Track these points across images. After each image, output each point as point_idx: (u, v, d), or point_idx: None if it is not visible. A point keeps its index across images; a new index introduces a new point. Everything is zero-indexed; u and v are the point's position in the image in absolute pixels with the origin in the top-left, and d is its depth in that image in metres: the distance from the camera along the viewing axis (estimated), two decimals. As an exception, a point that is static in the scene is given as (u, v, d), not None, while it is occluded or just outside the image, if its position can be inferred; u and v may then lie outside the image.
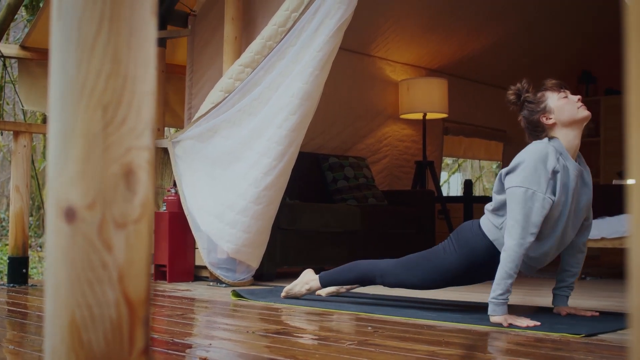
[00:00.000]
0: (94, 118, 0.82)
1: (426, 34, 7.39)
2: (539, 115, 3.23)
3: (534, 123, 3.25)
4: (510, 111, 3.47)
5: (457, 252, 3.35)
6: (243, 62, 4.79)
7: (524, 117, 3.30)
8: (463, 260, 3.33)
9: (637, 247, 0.55)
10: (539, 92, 3.28)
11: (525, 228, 3.03)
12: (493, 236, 3.24)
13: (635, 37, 0.53)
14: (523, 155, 3.14)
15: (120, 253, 0.81)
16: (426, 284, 3.49)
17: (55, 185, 0.82)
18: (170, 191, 5.23)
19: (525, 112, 3.30)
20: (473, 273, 3.39)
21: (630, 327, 0.55)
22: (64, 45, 0.83)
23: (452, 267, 3.36)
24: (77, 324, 0.81)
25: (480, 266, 3.32)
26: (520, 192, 3.05)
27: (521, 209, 3.03)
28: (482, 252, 3.28)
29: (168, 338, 2.67)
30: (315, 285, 3.86)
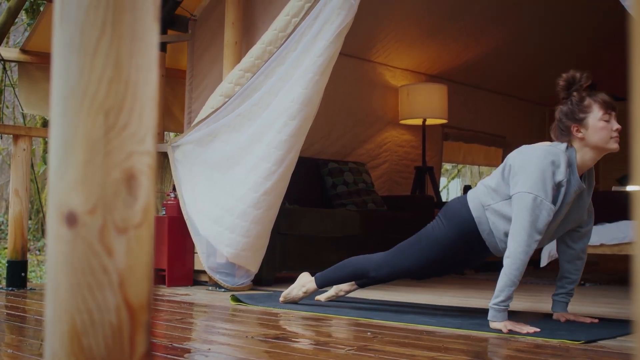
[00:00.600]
0: (95, 123, 0.82)
1: (426, 40, 7.40)
2: (573, 123, 3.12)
3: (564, 125, 3.16)
4: (510, 117, 3.46)
5: (445, 227, 3.35)
6: (243, 66, 4.79)
7: (561, 111, 3.17)
8: (452, 234, 3.33)
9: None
10: (587, 99, 3.13)
11: (532, 235, 3.01)
12: (476, 213, 3.26)
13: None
14: (534, 158, 3.08)
15: (121, 258, 0.81)
16: (420, 267, 3.47)
17: (56, 190, 0.82)
18: (169, 195, 5.23)
19: (564, 108, 3.17)
20: (464, 250, 3.38)
21: (635, 333, 0.55)
22: (66, 50, 0.83)
23: (443, 242, 3.36)
24: (78, 329, 0.81)
25: (470, 242, 3.32)
26: (529, 198, 3.02)
27: (529, 215, 3.01)
28: (470, 224, 3.28)
29: (167, 343, 2.67)
30: (312, 287, 3.86)
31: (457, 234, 3.32)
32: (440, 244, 3.37)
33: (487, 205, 3.23)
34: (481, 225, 3.26)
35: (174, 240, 5.12)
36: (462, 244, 3.35)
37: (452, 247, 3.36)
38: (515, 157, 3.16)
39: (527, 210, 3.01)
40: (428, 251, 3.42)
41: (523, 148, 3.21)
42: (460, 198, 3.41)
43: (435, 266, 3.48)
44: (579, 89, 3.16)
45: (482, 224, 3.26)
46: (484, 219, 3.24)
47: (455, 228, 3.32)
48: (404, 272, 3.56)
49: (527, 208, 3.01)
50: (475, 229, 3.28)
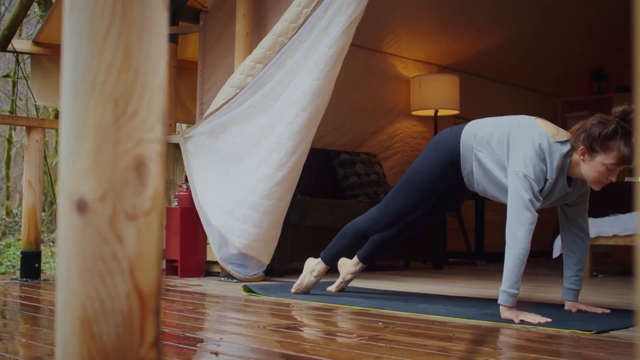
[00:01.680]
0: (105, 111, 0.82)
1: (438, 31, 7.38)
2: (586, 146, 3.09)
3: (579, 139, 3.11)
4: (522, 108, 3.48)
5: (431, 156, 3.49)
6: (254, 58, 4.80)
7: (591, 127, 3.09)
8: (436, 161, 3.46)
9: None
10: (614, 142, 3.04)
11: (529, 209, 3.07)
12: (464, 150, 3.37)
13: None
14: (533, 144, 3.13)
15: (131, 245, 0.82)
16: (411, 207, 3.59)
17: (67, 178, 0.83)
18: (181, 186, 5.24)
19: (594, 129, 3.08)
20: (444, 181, 3.51)
21: (638, 323, 0.56)
22: (76, 40, 0.83)
23: (428, 172, 3.49)
24: (88, 316, 0.81)
25: (450, 175, 3.46)
26: (519, 176, 3.10)
27: (525, 192, 3.07)
28: (455, 157, 3.40)
29: (179, 332, 2.69)
30: (321, 267, 3.92)
31: (441, 162, 3.44)
32: (425, 173, 3.50)
33: (477, 150, 3.33)
34: (464, 163, 3.37)
35: (186, 231, 5.14)
36: (442, 174, 3.47)
37: (435, 177, 3.48)
38: (516, 139, 3.19)
39: (523, 187, 3.08)
40: (415, 186, 3.54)
41: (525, 129, 3.21)
42: (453, 130, 3.49)
43: (422, 203, 3.58)
44: (623, 125, 3.05)
45: (465, 162, 3.37)
46: (469, 158, 3.35)
47: (440, 156, 3.44)
48: (403, 213, 3.63)
49: (523, 185, 3.08)
50: (458, 164, 3.40)
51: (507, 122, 3.31)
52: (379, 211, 3.69)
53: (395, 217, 3.65)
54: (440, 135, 3.55)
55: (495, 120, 3.39)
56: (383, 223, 3.68)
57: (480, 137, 3.32)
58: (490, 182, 3.33)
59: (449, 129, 3.53)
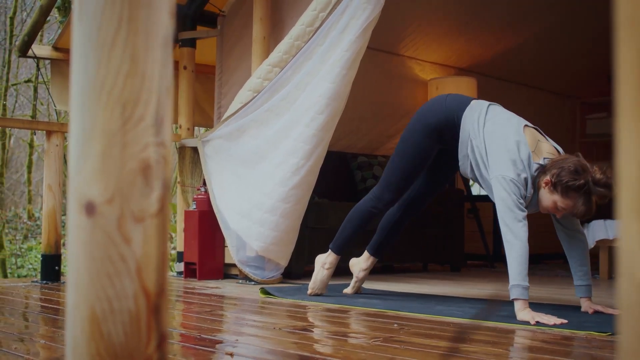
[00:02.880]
0: (112, 116, 0.84)
1: (455, 33, 7.37)
2: (550, 184, 3.19)
3: (549, 169, 3.21)
4: (541, 110, 3.51)
5: (428, 116, 3.65)
6: (271, 61, 4.82)
7: (567, 170, 3.15)
8: (434, 120, 3.62)
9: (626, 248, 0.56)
10: (575, 193, 3.14)
11: (515, 210, 3.16)
12: (463, 125, 3.50)
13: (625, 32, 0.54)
14: (514, 150, 3.24)
15: (138, 246, 0.84)
16: (408, 174, 3.75)
17: (75, 181, 0.85)
18: (200, 190, 5.28)
19: (566, 175, 3.14)
20: (438, 143, 3.67)
21: (620, 324, 0.57)
22: (84, 46, 0.86)
23: (423, 130, 3.66)
24: (97, 316, 0.83)
25: (443, 138, 3.63)
26: (506, 180, 3.20)
27: (508, 194, 3.18)
28: (451, 121, 3.56)
29: (196, 334, 2.71)
30: (332, 258, 4.01)
31: (438, 121, 3.60)
32: (420, 130, 3.66)
33: (472, 137, 3.44)
34: (462, 135, 3.51)
35: (204, 234, 5.17)
36: (437, 136, 3.64)
37: (424, 145, 3.66)
38: (493, 150, 3.33)
39: (506, 190, 3.19)
40: (408, 156, 3.72)
41: (501, 139, 3.33)
42: (439, 102, 3.66)
43: (417, 171, 3.75)
44: (590, 185, 3.13)
45: (463, 133, 3.50)
46: (465, 135, 3.49)
47: (440, 116, 3.59)
48: (399, 188, 3.78)
49: (506, 188, 3.19)
50: (454, 128, 3.55)
51: (489, 135, 3.41)
52: (379, 189, 3.83)
53: (395, 190, 3.78)
54: (428, 106, 3.73)
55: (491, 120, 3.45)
56: (386, 199, 3.81)
57: (475, 133, 3.44)
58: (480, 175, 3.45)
59: (436, 101, 3.71)
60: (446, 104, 3.61)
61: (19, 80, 13.13)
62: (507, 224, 3.15)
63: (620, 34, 0.56)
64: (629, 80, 0.55)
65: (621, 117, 0.56)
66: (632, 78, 0.55)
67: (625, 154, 0.56)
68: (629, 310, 0.57)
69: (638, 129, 0.55)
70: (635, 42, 0.54)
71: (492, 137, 3.34)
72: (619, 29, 0.56)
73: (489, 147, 3.33)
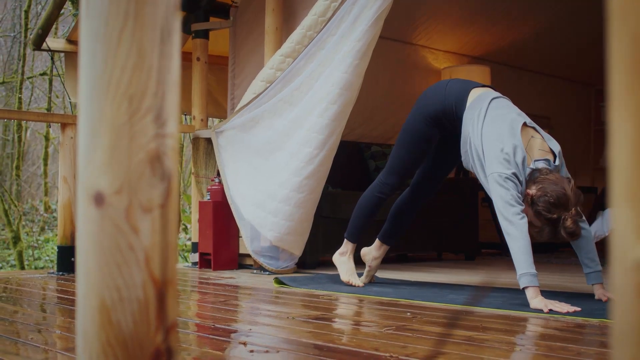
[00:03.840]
0: (120, 109, 0.86)
1: (468, 22, 7.35)
2: (528, 194, 3.25)
3: (534, 184, 3.26)
4: (555, 98, 3.52)
5: (433, 101, 3.71)
6: (284, 52, 4.83)
7: (548, 198, 3.20)
8: (438, 105, 3.68)
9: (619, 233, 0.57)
10: (542, 221, 3.22)
11: (514, 204, 3.20)
12: (465, 117, 3.55)
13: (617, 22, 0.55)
14: (510, 152, 3.29)
15: (146, 236, 0.86)
16: (417, 156, 3.84)
17: (85, 172, 0.87)
18: (214, 180, 5.30)
19: (544, 198, 3.20)
20: (438, 129, 3.74)
21: (613, 308, 0.58)
22: (92, 41, 0.87)
23: (426, 113, 3.72)
24: (107, 305, 0.85)
25: (443, 124, 3.70)
26: (502, 177, 3.25)
27: (506, 190, 3.23)
28: (450, 108, 3.64)
29: (211, 324, 2.73)
30: (349, 247, 4.12)
31: (436, 111, 3.68)
32: (420, 118, 3.74)
33: (471, 135, 3.48)
34: (463, 132, 3.56)
35: (219, 225, 5.20)
36: (436, 124, 3.72)
37: (427, 125, 3.73)
38: (490, 150, 3.36)
39: (503, 187, 3.24)
40: (412, 140, 3.79)
41: (497, 141, 3.36)
42: (438, 89, 3.74)
43: (422, 155, 3.84)
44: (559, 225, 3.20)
45: (464, 131, 3.55)
46: (465, 133, 3.54)
47: (438, 106, 3.67)
48: (405, 172, 3.89)
49: (502, 185, 3.25)
50: (452, 118, 3.63)
51: (485, 136, 3.45)
52: (384, 175, 3.93)
53: (400, 175, 3.88)
54: (428, 94, 3.79)
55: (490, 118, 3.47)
56: (392, 184, 3.90)
57: (475, 132, 3.47)
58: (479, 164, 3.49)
59: (436, 89, 3.76)
60: (445, 94, 3.67)
61: (35, 73, 13.20)
62: (507, 218, 3.19)
63: (613, 24, 0.56)
64: (622, 70, 0.56)
65: (614, 105, 0.57)
66: (624, 67, 0.56)
67: (618, 142, 0.57)
68: (622, 294, 0.58)
69: (630, 117, 0.56)
70: (627, 32, 0.55)
71: (489, 138, 3.38)
72: (611, 19, 0.57)
73: (485, 147, 3.38)
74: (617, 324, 0.60)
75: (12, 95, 12.81)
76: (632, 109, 0.55)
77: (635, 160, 0.55)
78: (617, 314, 0.60)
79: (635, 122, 0.55)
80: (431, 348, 2.21)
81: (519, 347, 2.25)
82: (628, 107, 0.55)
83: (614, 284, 0.60)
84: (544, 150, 3.36)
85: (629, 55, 0.55)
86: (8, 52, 13.41)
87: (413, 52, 7.28)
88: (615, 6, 0.55)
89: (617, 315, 0.60)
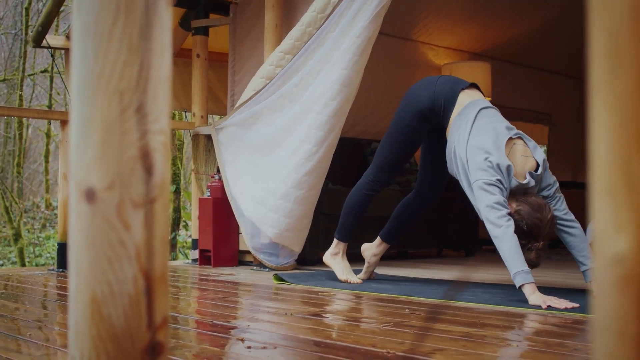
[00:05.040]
0: (111, 104, 0.86)
1: (469, 18, 7.34)
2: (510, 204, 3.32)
3: (515, 202, 3.34)
4: (556, 94, 3.54)
5: (421, 97, 3.74)
6: (283, 48, 4.83)
7: (524, 225, 3.27)
8: (425, 100, 3.71)
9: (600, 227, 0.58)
10: (520, 239, 3.24)
11: (499, 208, 3.22)
12: (454, 118, 3.58)
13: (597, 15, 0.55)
14: (493, 160, 3.31)
15: (137, 232, 0.86)
16: (405, 152, 3.88)
17: (76, 168, 0.87)
18: (214, 177, 5.31)
19: (525, 221, 3.27)
20: (425, 125, 3.78)
21: (593, 301, 0.58)
22: (83, 36, 0.87)
23: (415, 107, 3.75)
24: (98, 300, 0.86)
25: (429, 119, 3.73)
26: (487, 183, 3.27)
27: (491, 195, 3.25)
28: (437, 106, 3.68)
29: (210, 320, 2.74)
30: (340, 247, 4.13)
31: (423, 108, 3.71)
32: (409, 114, 3.78)
33: (456, 144, 3.50)
34: (449, 140, 3.59)
35: (219, 222, 5.20)
36: (424, 120, 3.75)
37: (416, 120, 3.76)
38: (475, 162, 3.37)
39: (488, 192, 3.26)
40: (398, 136, 3.83)
41: (482, 156, 3.37)
42: (448, 91, 3.70)
43: (409, 150, 3.88)
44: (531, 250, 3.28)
45: (450, 139, 3.58)
46: (451, 142, 3.56)
47: (426, 104, 3.70)
48: (393, 168, 3.94)
49: (487, 190, 3.26)
50: (439, 116, 3.67)
51: (468, 146, 3.47)
52: (373, 172, 3.96)
53: (389, 171, 3.93)
54: (417, 90, 3.83)
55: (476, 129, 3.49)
56: (382, 180, 3.94)
57: (461, 142, 3.49)
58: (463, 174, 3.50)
59: (425, 86, 3.79)
60: (435, 91, 3.70)
61: (36, 70, 13.21)
62: (492, 222, 3.21)
63: (592, 18, 0.57)
64: (601, 63, 0.56)
65: (593, 98, 0.57)
66: (602, 61, 0.56)
67: (597, 136, 0.57)
68: (602, 288, 0.58)
69: (609, 110, 0.56)
70: (605, 26, 0.55)
71: (474, 148, 3.39)
72: (590, 13, 0.57)
73: (469, 156, 3.39)
74: (597, 317, 0.60)
75: (13, 92, 12.82)
76: (610, 101, 0.55)
77: (614, 153, 0.55)
78: (597, 307, 0.60)
79: (613, 114, 0.56)
80: (429, 344, 2.21)
81: (516, 343, 2.26)
82: (607, 100, 0.55)
83: (595, 277, 0.60)
84: (526, 156, 3.38)
85: (607, 49, 0.55)
86: (9, 50, 13.42)
87: (413, 48, 7.27)
88: (594, 1, 0.55)
89: (598, 308, 0.60)
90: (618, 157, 0.56)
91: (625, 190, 0.56)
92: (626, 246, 0.57)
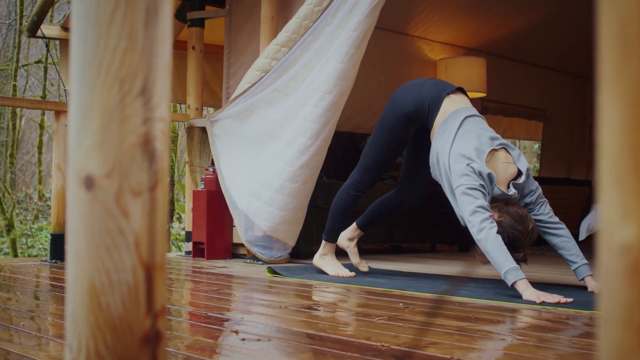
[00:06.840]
0: (111, 92, 0.85)
1: (465, 13, 7.34)
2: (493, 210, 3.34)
3: (498, 211, 3.36)
4: (551, 90, 3.55)
5: (405, 102, 3.74)
6: (279, 41, 4.82)
7: (505, 229, 3.29)
8: (411, 103, 3.71)
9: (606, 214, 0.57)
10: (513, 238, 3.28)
11: (482, 211, 3.23)
12: (439, 124, 3.58)
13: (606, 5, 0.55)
14: (475, 166, 3.32)
15: (136, 220, 0.85)
16: (390, 154, 3.89)
17: (75, 155, 0.87)
18: (208, 170, 5.29)
19: (505, 227, 3.29)
20: (410, 130, 3.80)
21: (600, 291, 0.58)
22: (83, 23, 0.87)
23: (400, 111, 3.75)
24: (96, 288, 0.85)
25: (414, 122, 3.75)
26: (470, 188, 3.28)
27: (474, 199, 3.25)
28: (422, 111, 3.68)
29: (203, 312, 2.73)
30: (328, 249, 4.17)
31: (408, 112, 3.71)
32: (394, 117, 3.78)
33: (439, 151, 3.51)
34: (433, 147, 3.58)
35: (212, 214, 5.19)
36: (409, 123, 3.76)
37: (401, 124, 3.77)
38: (457, 170, 3.37)
39: (470, 196, 3.27)
40: (384, 138, 3.83)
41: (464, 164, 3.37)
42: (434, 96, 3.69)
43: (395, 151, 3.88)
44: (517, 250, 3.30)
45: (434, 146, 3.57)
46: (434, 149, 3.56)
47: (410, 107, 3.71)
48: (379, 169, 3.94)
49: (470, 194, 3.27)
50: (423, 119, 3.68)
51: (450, 154, 3.48)
52: (359, 173, 3.99)
53: (375, 172, 3.95)
54: (402, 93, 3.81)
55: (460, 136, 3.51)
56: (368, 181, 3.97)
57: (444, 150, 3.50)
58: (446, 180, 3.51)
59: (411, 89, 3.78)
60: (420, 96, 3.70)
61: (30, 61, 13.16)
62: (475, 225, 3.22)
63: (602, 8, 0.56)
64: (610, 53, 0.56)
65: (602, 88, 0.57)
66: (612, 51, 0.56)
67: (606, 124, 0.57)
68: (608, 277, 0.58)
69: (618, 100, 0.56)
70: (615, 16, 0.55)
71: (457, 155, 3.39)
72: (600, 2, 0.57)
73: (452, 163, 3.39)
74: (603, 307, 0.60)
75: (6, 82, 12.77)
76: (620, 91, 0.55)
77: (623, 142, 0.55)
78: (604, 297, 0.60)
79: (622, 104, 0.55)
80: (423, 338, 2.21)
81: (510, 338, 2.26)
82: (616, 90, 0.55)
83: (601, 266, 0.60)
84: (508, 162, 3.39)
85: (617, 39, 0.55)
86: (3, 40, 13.37)
87: (409, 43, 7.27)
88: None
89: (604, 298, 0.60)
90: (626, 145, 0.55)
91: (633, 178, 0.55)
92: (633, 235, 0.56)
